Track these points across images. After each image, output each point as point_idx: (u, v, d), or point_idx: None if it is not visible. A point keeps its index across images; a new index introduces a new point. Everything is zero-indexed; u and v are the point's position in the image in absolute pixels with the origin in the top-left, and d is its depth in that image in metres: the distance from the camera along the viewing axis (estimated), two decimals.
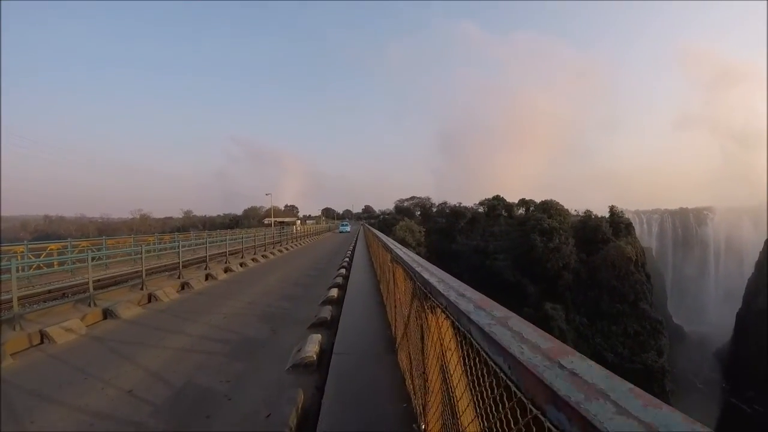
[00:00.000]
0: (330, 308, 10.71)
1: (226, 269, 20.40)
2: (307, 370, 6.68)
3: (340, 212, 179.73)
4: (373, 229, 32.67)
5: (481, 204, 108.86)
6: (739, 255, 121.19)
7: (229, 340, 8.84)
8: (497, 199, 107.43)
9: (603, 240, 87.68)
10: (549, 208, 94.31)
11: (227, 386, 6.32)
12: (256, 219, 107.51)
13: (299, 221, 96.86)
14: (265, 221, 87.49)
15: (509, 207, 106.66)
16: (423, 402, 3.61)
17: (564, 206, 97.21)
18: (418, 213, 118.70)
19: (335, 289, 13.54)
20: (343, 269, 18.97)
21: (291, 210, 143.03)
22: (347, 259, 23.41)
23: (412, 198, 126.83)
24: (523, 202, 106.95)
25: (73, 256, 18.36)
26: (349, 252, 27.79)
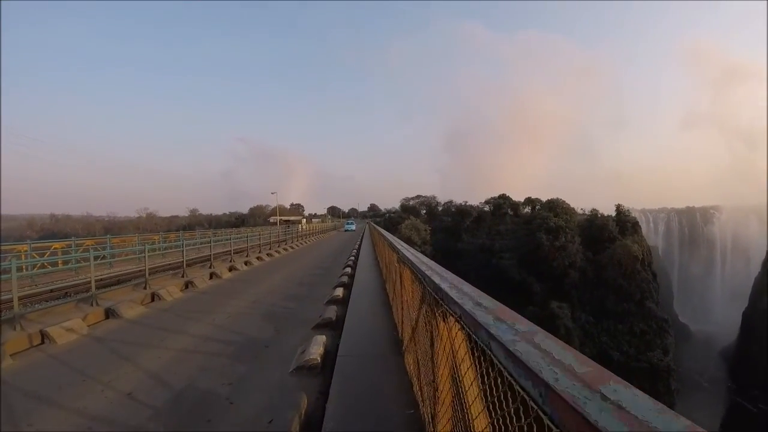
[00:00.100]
0: (335, 308, 10.54)
1: (231, 268, 20.31)
2: (311, 372, 6.49)
3: (346, 211, 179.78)
4: (378, 228, 32.54)
5: (487, 203, 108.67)
6: (746, 254, 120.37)
7: (232, 340, 8.69)
8: (503, 197, 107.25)
9: (609, 239, 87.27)
10: (555, 207, 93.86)
11: (229, 389, 6.16)
12: (261, 218, 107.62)
13: (305, 220, 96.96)
14: (271, 220, 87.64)
15: (515, 206, 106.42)
16: (432, 411, 3.41)
17: (570, 205, 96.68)
18: (424, 212, 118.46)
19: (340, 288, 13.36)
20: (349, 268, 18.80)
21: (297, 209, 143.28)
22: (353, 257, 23.26)
23: (418, 197, 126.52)
24: (529, 201, 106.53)
25: (77, 255, 18.30)
26: (355, 250, 27.66)
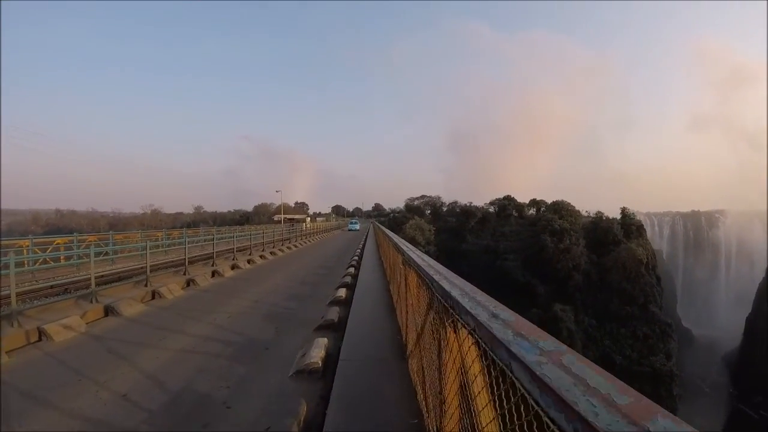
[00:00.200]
0: (337, 309, 10.34)
1: (234, 266, 20.16)
2: (312, 377, 6.29)
3: (351, 210, 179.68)
4: (383, 228, 32.34)
5: (492, 204, 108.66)
6: (751, 259, 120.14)
7: (231, 341, 8.51)
8: (508, 199, 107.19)
9: (614, 242, 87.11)
10: (560, 209, 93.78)
11: (227, 392, 5.97)
12: (266, 216, 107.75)
13: (309, 218, 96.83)
14: (275, 218, 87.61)
15: (520, 207, 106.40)
16: (438, 425, 3.19)
17: (575, 207, 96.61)
18: (429, 212, 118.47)
19: (343, 288, 13.16)
20: (352, 268, 18.60)
21: (301, 207, 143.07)
22: (356, 257, 23.07)
23: (423, 197, 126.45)
24: (534, 203, 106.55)
25: (79, 251, 18.16)
26: (359, 250, 27.47)
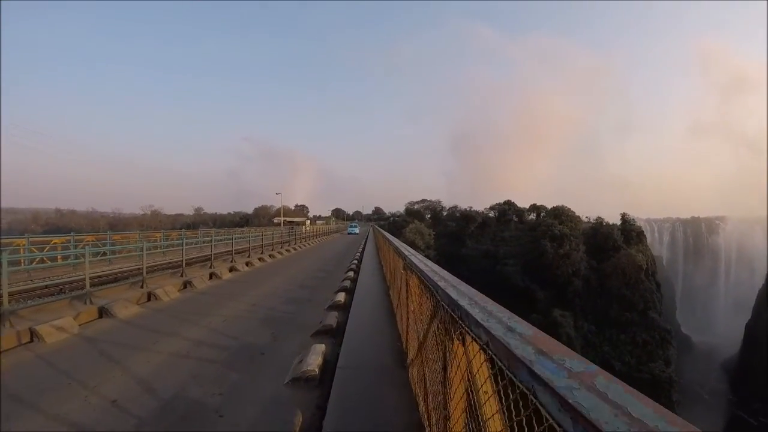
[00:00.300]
0: (336, 314, 10.13)
1: (232, 268, 19.95)
2: (308, 385, 6.05)
3: (351, 213, 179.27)
4: (383, 232, 32.10)
5: (492, 208, 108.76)
6: (751, 265, 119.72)
7: (227, 346, 8.30)
8: (508, 204, 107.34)
9: (614, 247, 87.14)
10: (560, 214, 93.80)
11: (219, 400, 5.76)
12: (266, 218, 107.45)
13: (309, 221, 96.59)
14: (275, 220, 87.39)
15: (520, 212, 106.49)
16: None
17: (575, 212, 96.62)
18: (429, 216, 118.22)
19: (342, 293, 12.97)
20: (352, 272, 18.39)
21: (301, 210, 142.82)
22: (356, 261, 22.86)
23: (423, 201, 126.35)
24: (534, 208, 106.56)
25: (74, 252, 17.95)
26: (358, 254, 27.26)
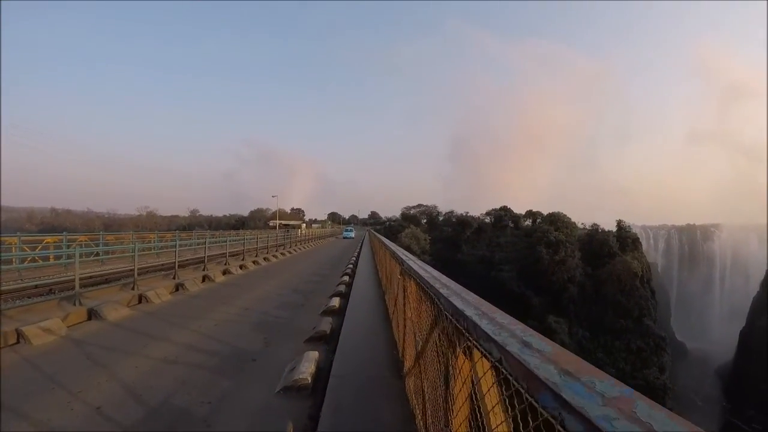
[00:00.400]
0: (330, 320, 9.90)
1: (225, 271, 19.68)
2: (300, 394, 5.81)
3: (347, 217, 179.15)
4: (379, 236, 31.89)
5: (488, 214, 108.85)
6: (745, 273, 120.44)
7: (217, 351, 8.06)
8: (504, 209, 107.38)
9: (609, 254, 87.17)
10: (556, 221, 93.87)
11: (208, 409, 5.52)
12: (261, 221, 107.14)
13: (304, 225, 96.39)
14: (271, 223, 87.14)
15: (516, 218, 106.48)
16: None
17: (571, 219, 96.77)
18: (425, 221, 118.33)
19: (337, 298, 12.73)
20: (347, 276, 18.19)
21: (297, 213, 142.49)
22: (351, 265, 22.63)
23: (419, 206, 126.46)
24: (530, 214, 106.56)
25: (66, 251, 17.67)
26: (354, 258, 27.06)
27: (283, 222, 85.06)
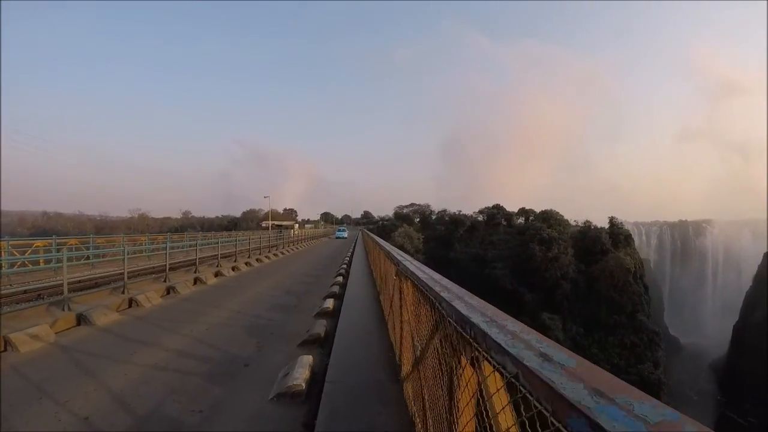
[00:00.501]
0: (324, 322, 9.71)
1: (217, 273, 19.43)
2: (294, 400, 5.62)
3: (340, 217, 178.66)
4: (372, 235, 31.70)
5: (481, 212, 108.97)
6: (738, 268, 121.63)
7: (208, 356, 7.87)
8: (497, 207, 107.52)
9: (602, 251, 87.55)
10: (549, 218, 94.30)
11: (199, 418, 5.34)
12: (254, 221, 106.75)
13: (297, 225, 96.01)
14: (263, 224, 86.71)
15: (509, 216, 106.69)
16: None
17: (564, 216, 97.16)
18: (417, 220, 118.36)
19: (331, 299, 12.55)
20: (341, 277, 18.03)
21: (290, 213, 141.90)
22: (345, 266, 22.45)
23: (412, 205, 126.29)
24: (523, 212, 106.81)
25: (56, 255, 17.38)
26: (347, 258, 26.87)
27: (276, 222, 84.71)
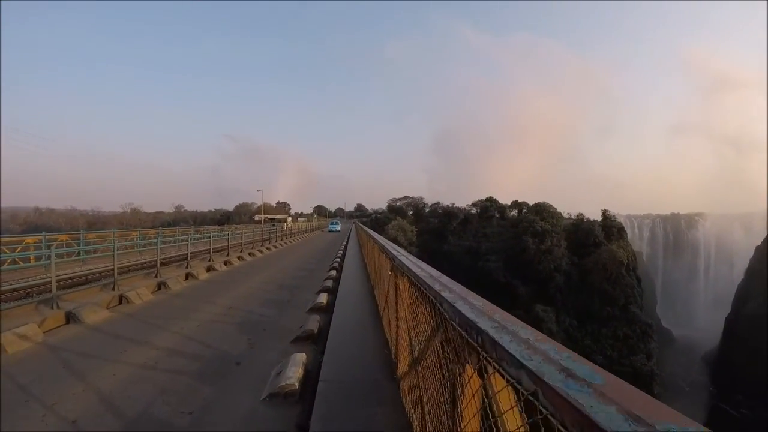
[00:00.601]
0: (318, 318, 9.54)
1: (209, 268, 19.24)
2: (288, 400, 5.44)
3: (333, 210, 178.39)
4: (366, 228, 31.55)
5: (474, 205, 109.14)
6: (730, 260, 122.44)
7: (199, 355, 7.69)
8: (490, 200, 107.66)
9: (595, 243, 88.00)
10: (542, 211, 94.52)
11: (189, 420, 5.16)
12: (247, 215, 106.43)
13: (290, 218, 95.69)
14: (256, 218, 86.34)
15: (502, 209, 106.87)
16: None
17: (557, 209, 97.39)
18: (411, 213, 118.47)
19: (324, 294, 12.41)
20: (334, 271, 17.86)
21: (283, 207, 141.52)
22: (338, 259, 22.27)
23: (405, 198, 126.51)
24: (516, 204, 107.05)
25: (45, 252, 17.08)
26: (341, 251, 26.69)
27: (269, 216, 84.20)
